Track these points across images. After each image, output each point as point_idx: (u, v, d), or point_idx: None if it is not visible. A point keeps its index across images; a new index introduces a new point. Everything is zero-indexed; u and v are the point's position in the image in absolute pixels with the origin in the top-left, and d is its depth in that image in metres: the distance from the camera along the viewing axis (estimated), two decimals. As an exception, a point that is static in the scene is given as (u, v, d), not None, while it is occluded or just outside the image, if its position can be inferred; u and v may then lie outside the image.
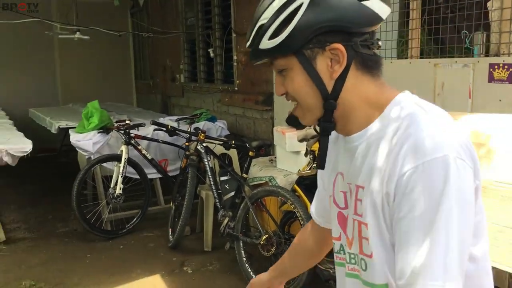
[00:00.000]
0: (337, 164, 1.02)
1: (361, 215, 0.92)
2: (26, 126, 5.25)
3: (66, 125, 5.33)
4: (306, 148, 3.12)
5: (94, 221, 4.36)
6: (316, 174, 3.19)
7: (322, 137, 0.96)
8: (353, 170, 0.95)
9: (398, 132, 0.87)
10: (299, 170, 3.24)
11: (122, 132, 4.43)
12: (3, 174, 6.25)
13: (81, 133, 4.60)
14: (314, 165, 2.99)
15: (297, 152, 3.72)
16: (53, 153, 7.53)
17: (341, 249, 1.01)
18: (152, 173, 4.77)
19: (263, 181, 3.83)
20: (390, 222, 0.87)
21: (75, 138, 4.56)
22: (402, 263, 0.82)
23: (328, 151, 0.99)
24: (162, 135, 4.72)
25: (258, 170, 3.99)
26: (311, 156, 3.05)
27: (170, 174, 4.82)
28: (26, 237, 4.45)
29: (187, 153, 4.19)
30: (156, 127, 4.45)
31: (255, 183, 3.85)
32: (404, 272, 0.82)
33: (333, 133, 0.99)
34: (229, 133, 5.24)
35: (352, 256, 0.97)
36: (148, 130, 4.77)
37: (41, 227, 4.70)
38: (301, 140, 3.07)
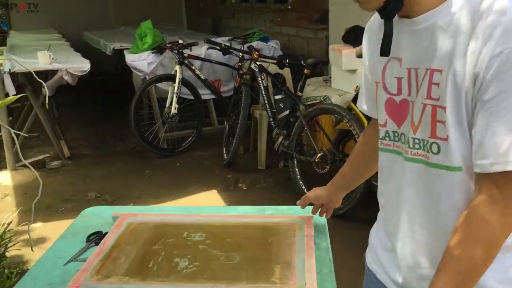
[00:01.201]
0: (393, 49, 0.97)
1: (437, 99, 0.90)
2: (81, 50, 5.34)
3: (121, 46, 5.39)
4: (365, 64, 3.02)
5: (151, 139, 4.50)
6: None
7: (387, 21, 0.94)
8: (422, 54, 0.93)
9: (484, 13, 0.83)
10: (357, 86, 3.15)
11: (176, 52, 4.44)
12: (64, 96, 6.50)
13: (135, 53, 4.64)
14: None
15: (353, 71, 3.62)
16: (108, 76, 7.70)
17: (387, 135, 1.03)
18: (205, 94, 4.81)
19: (318, 101, 3.79)
20: (472, 104, 0.86)
21: (130, 58, 4.61)
22: (489, 142, 0.83)
23: (377, 36, 0.96)
24: (215, 55, 4.70)
25: (312, 90, 3.93)
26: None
27: (223, 95, 4.85)
28: (88, 154, 4.67)
29: (240, 72, 4.17)
30: (209, 45, 4.42)
31: (309, 103, 3.82)
32: (491, 151, 0.82)
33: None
34: (282, 53, 5.15)
35: (417, 141, 0.96)
36: (201, 50, 4.76)
37: (101, 145, 4.92)
38: (359, 56, 2.97)
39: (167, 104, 4.43)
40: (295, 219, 1.48)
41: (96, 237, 1.44)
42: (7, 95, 4.74)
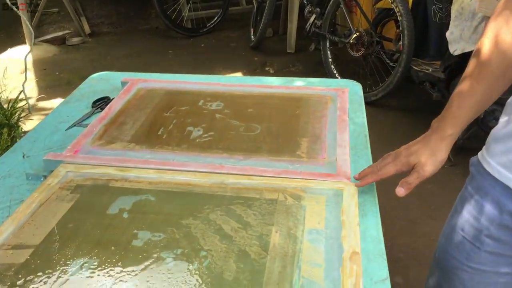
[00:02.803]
0: None
1: None
2: None
3: None
4: None
5: (174, 18, 4.23)
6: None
7: None
8: None
9: None
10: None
11: None
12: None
13: None
14: None
15: None
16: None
17: None
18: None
19: (357, -23, 3.41)
20: None
21: None
22: None
23: None
24: None
25: (351, -36, 3.52)
26: None
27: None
28: (110, 32, 4.46)
29: None
30: None
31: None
32: None
33: None
34: None
35: None
36: None
37: (123, 23, 4.68)
38: None
39: (192, -21, 4.09)
40: (327, 91, 1.29)
41: (103, 103, 1.29)
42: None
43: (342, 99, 1.23)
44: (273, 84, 1.38)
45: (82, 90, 1.40)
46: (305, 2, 3.45)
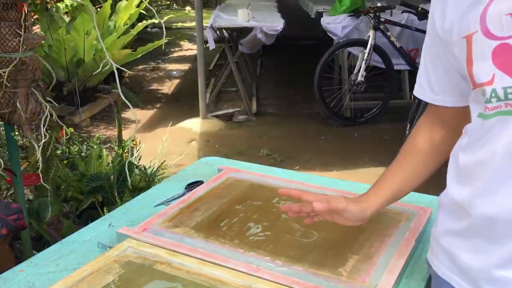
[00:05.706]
0: None
1: None
2: (295, 14, 5.40)
3: (324, 9, 5.31)
4: None
5: (333, 106, 4.37)
6: None
7: None
8: None
9: None
10: None
11: (372, 15, 4.16)
12: (274, 58, 6.80)
13: (332, 16, 4.51)
14: None
15: None
16: (317, 41, 7.73)
17: (493, 95, 0.73)
18: (399, 64, 4.43)
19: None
20: None
21: (325, 21, 4.50)
22: None
23: None
24: (417, 22, 4.28)
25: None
26: None
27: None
28: (273, 113, 4.80)
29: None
30: (404, 8, 4.05)
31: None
32: None
33: None
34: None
35: None
36: (402, 16, 4.38)
37: (289, 106, 4.99)
38: None
39: (355, 70, 4.22)
40: (408, 208, 1.22)
41: (194, 186, 1.42)
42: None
43: (418, 220, 1.16)
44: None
45: (186, 171, 1.55)
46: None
